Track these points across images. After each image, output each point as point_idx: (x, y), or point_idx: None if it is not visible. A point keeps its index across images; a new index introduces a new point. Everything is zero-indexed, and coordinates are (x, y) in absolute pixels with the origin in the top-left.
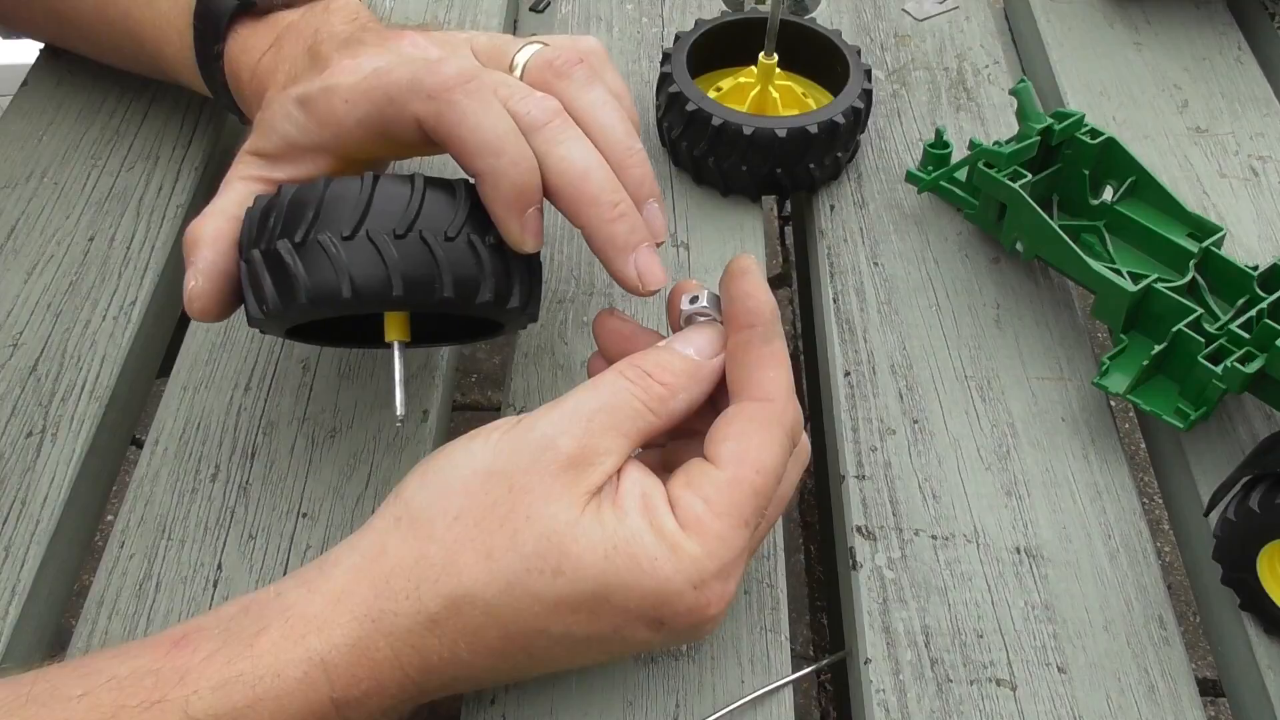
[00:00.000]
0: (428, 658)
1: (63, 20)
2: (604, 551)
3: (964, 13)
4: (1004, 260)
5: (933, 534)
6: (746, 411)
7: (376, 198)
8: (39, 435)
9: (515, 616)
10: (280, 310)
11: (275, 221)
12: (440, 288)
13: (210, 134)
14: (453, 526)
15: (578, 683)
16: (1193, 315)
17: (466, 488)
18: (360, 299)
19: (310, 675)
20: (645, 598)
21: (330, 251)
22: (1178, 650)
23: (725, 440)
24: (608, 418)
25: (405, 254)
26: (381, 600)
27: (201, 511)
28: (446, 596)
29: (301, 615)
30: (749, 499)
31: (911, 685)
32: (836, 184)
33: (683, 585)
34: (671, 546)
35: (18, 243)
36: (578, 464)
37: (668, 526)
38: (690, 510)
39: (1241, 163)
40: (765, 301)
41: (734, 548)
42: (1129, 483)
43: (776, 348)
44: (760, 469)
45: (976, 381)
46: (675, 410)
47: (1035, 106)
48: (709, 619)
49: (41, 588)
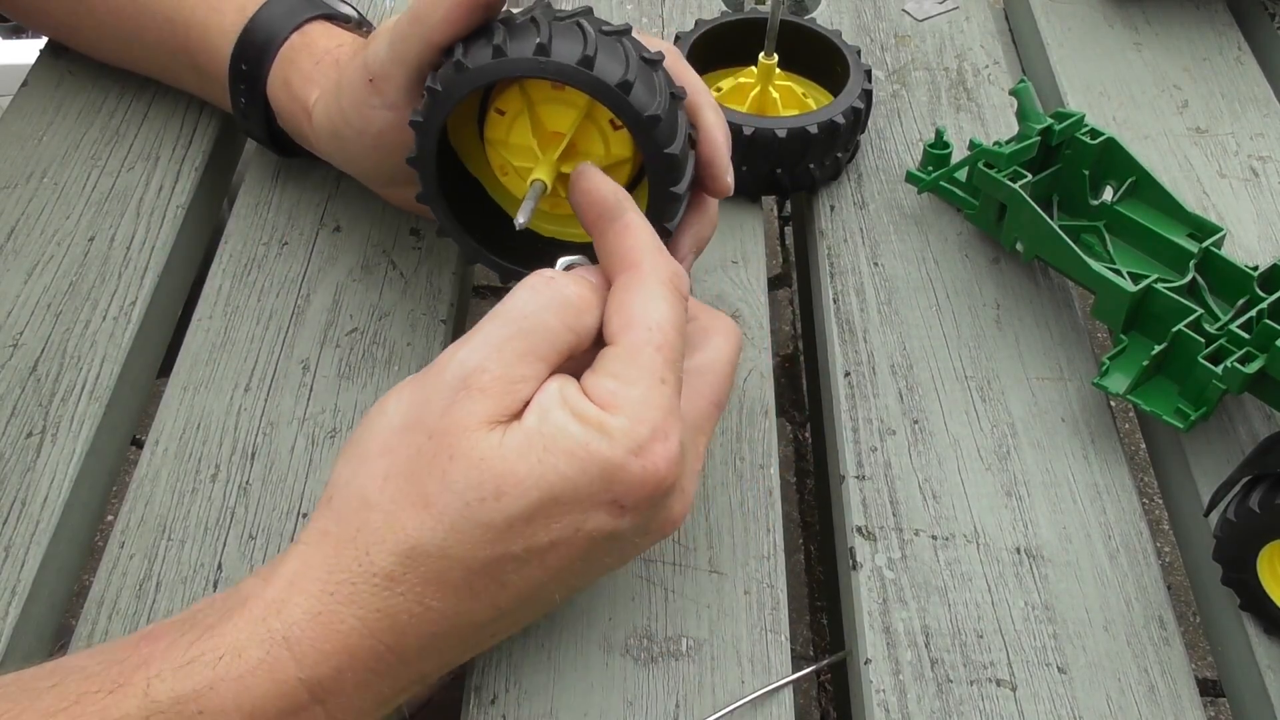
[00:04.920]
0: (396, 618)
1: (78, 6)
2: (537, 456)
3: (964, 13)
4: (1004, 260)
5: (933, 534)
6: (619, 284)
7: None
8: (39, 435)
9: (473, 550)
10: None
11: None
12: (632, 82)
13: (210, 134)
14: (385, 488)
15: (578, 683)
16: (1193, 315)
17: (387, 448)
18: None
19: (273, 654)
20: (593, 482)
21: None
22: (1178, 650)
23: (610, 318)
24: (523, 343)
25: (610, 47)
26: (335, 574)
27: (201, 511)
28: (396, 553)
29: (259, 599)
30: (652, 356)
31: (911, 685)
32: (836, 184)
33: (624, 457)
34: (599, 427)
35: (18, 243)
36: (494, 396)
37: (589, 412)
38: (603, 389)
39: (1241, 163)
40: (605, 187)
41: (658, 406)
42: (1129, 483)
43: (628, 219)
44: (650, 325)
45: (976, 382)
46: (589, 325)
47: (1035, 106)
48: (663, 485)
49: (41, 588)
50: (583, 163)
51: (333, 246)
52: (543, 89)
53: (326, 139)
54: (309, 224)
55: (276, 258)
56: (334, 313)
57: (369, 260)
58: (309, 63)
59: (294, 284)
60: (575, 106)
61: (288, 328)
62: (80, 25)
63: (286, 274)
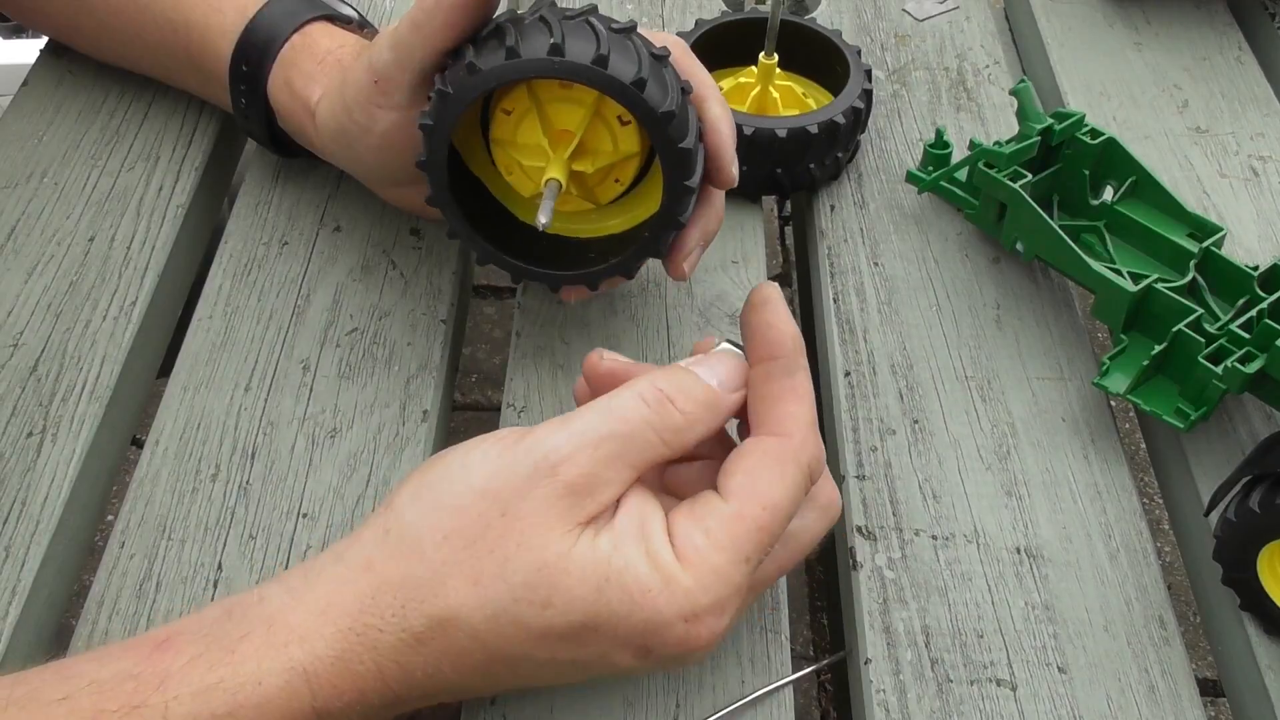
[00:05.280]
0: (411, 673)
1: (79, 6)
2: (596, 584)
3: (964, 13)
4: (1004, 260)
5: (933, 534)
6: (762, 446)
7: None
8: (39, 435)
9: (500, 642)
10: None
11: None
12: (647, 81)
13: (210, 134)
14: (441, 547)
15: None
16: (1193, 315)
17: (459, 505)
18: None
19: (292, 684)
20: (634, 628)
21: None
22: (1178, 650)
23: (736, 474)
24: (617, 446)
25: (621, 45)
26: (366, 615)
27: (201, 511)
28: (432, 618)
29: (285, 624)
30: (752, 534)
31: (911, 685)
32: (836, 184)
33: (673, 617)
34: (665, 578)
35: (18, 243)
36: (577, 492)
37: (663, 557)
38: (689, 541)
39: (1241, 163)
40: (788, 332)
41: (730, 583)
42: (1129, 483)
43: (799, 381)
44: (768, 505)
45: (976, 381)
46: (688, 443)
47: (1035, 106)
48: (696, 651)
49: (41, 588)
50: (767, 285)
51: (333, 246)
52: (551, 88)
53: (331, 139)
54: (309, 224)
55: (276, 258)
56: (334, 313)
57: (369, 260)
58: (311, 63)
59: (294, 284)
60: (583, 104)
61: (288, 328)
62: (81, 25)
63: (286, 274)
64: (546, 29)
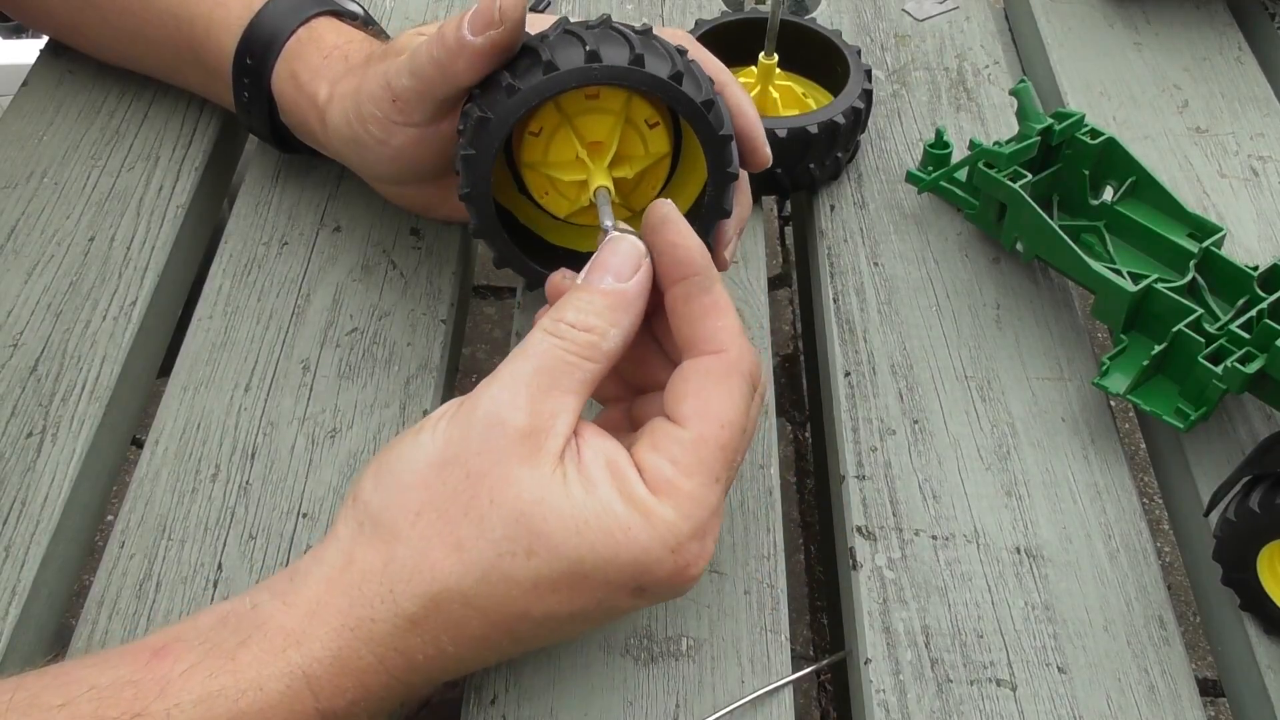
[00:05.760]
0: (412, 658)
1: (84, 3)
2: (575, 527)
3: (964, 13)
4: (1004, 260)
5: (933, 534)
6: (703, 366)
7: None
8: (39, 435)
9: (495, 604)
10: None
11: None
12: (682, 76)
13: (210, 134)
14: (416, 524)
15: (578, 683)
16: (1193, 315)
17: (423, 481)
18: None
19: (293, 688)
20: (624, 569)
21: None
22: (1178, 650)
23: (684, 399)
24: (546, 379)
25: (648, 45)
26: (357, 609)
27: (201, 511)
28: (423, 595)
29: (279, 628)
30: (717, 455)
31: (911, 685)
32: (836, 184)
33: (660, 551)
34: (645, 514)
35: (18, 243)
36: (531, 434)
37: (638, 493)
38: (659, 473)
39: (1241, 163)
40: (694, 247)
41: (707, 506)
42: (1129, 483)
43: (717, 293)
44: (725, 423)
45: (976, 381)
46: (612, 349)
47: (1035, 106)
48: (689, 579)
49: (41, 588)
50: (662, 201)
51: (333, 246)
52: (578, 101)
53: (342, 144)
54: (309, 224)
55: (276, 258)
56: (334, 313)
57: (369, 260)
58: (317, 57)
59: (294, 284)
60: (612, 112)
61: (288, 328)
62: (84, 22)
63: (286, 274)
64: (577, 40)
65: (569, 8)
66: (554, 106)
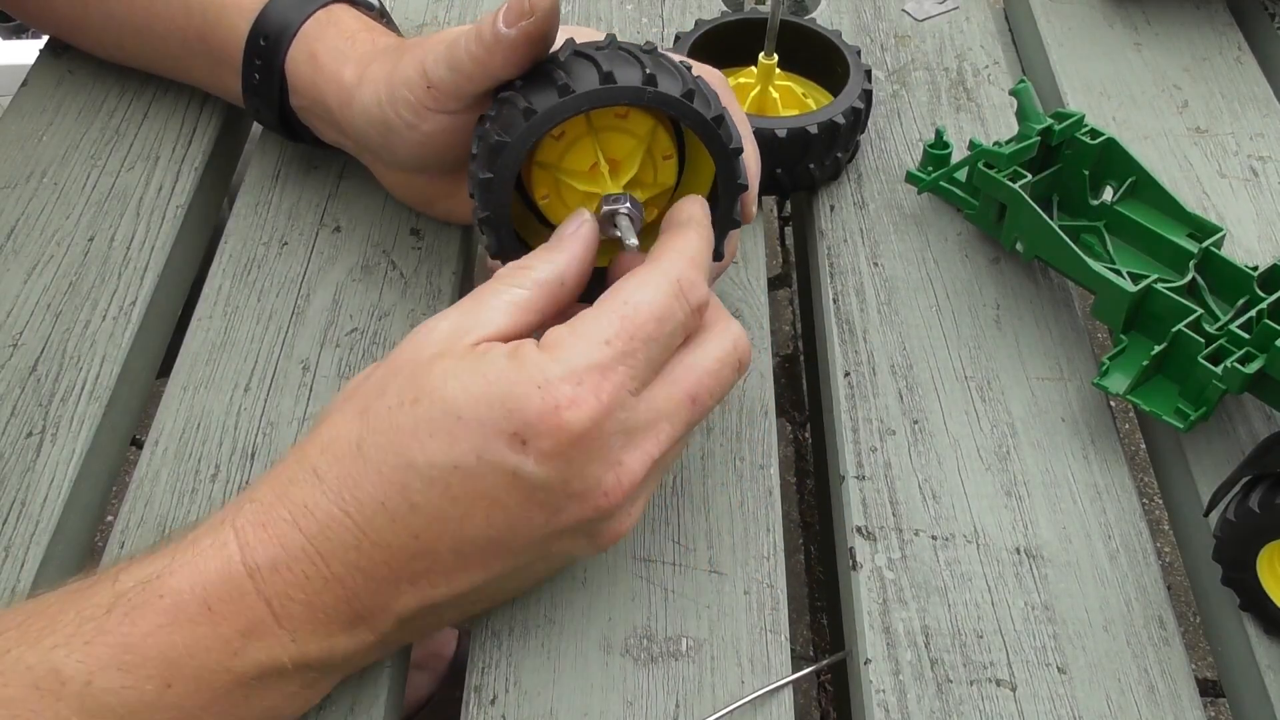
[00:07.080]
0: (319, 518)
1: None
2: (456, 373)
3: (964, 13)
4: (1004, 260)
5: (933, 534)
6: (631, 269)
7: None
8: (39, 435)
9: (382, 453)
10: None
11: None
12: (694, 93)
13: (210, 134)
14: (342, 406)
15: (578, 683)
16: (1193, 315)
17: (359, 380)
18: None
19: (221, 537)
20: (491, 407)
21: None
22: (1178, 650)
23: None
24: (472, 300)
25: (658, 64)
26: (280, 475)
27: (201, 511)
28: (320, 444)
29: (225, 508)
30: (613, 322)
31: (911, 686)
32: (836, 184)
33: (527, 387)
34: (518, 359)
35: (18, 243)
36: (450, 334)
37: (523, 348)
38: (552, 335)
39: (1241, 163)
40: (687, 203)
41: (585, 356)
42: (1129, 483)
43: (684, 231)
44: (629, 301)
45: (976, 382)
46: (541, 278)
47: (1035, 107)
48: (568, 429)
49: (41, 588)
50: (693, 197)
51: (333, 246)
52: (606, 116)
53: (369, 124)
54: (309, 224)
55: (276, 258)
56: (334, 313)
57: (369, 260)
58: (340, 39)
59: (294, 284)
60: (636, 136)
61: (288, 328)
62: (88, 19)
63: (286, 274)
64: (590, 61)
65: (567, 8)
66: (584, 118)
